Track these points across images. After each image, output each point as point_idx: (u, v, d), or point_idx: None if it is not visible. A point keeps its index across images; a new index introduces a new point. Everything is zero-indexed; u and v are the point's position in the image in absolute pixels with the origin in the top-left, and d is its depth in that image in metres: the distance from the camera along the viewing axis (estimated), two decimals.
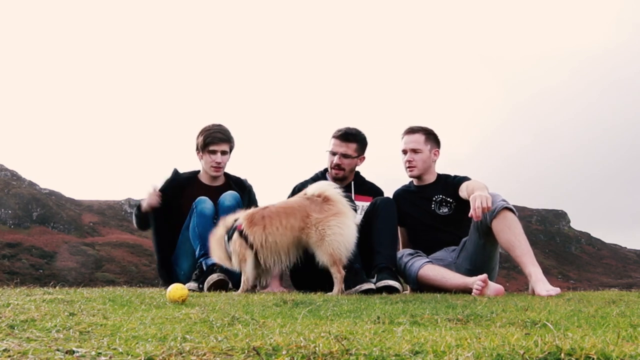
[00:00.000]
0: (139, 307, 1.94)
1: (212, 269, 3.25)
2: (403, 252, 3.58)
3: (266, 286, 3.42)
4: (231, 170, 4.06)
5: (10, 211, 48.61)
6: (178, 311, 1.79)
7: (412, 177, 3.87)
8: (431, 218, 3.74)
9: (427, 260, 3.44)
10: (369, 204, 3.76)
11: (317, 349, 1.06)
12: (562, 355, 1.00)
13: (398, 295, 2.91)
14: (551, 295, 2.85)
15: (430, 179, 3.84)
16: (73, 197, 58.28)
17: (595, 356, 1.00)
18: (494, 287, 2.97)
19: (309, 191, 3.06)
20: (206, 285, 3.15)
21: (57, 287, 2.84)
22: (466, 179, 3.67)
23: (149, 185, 3.77)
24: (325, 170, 4.02)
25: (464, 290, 3.07)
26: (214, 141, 3.78)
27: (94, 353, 1.04)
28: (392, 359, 1.02)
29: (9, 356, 0.99)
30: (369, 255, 3.36)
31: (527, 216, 65.81)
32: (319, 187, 3.06)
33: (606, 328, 1.49)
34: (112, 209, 57.99)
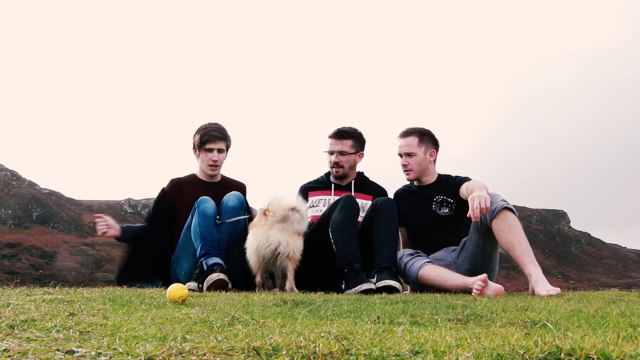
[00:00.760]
0: (139, 307, 1.94)
1: (212, 268, 3.24)
2: (403, 252, 3.58)
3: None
4: (231, 171, 4.09)
5: (10, 211, 48.62)
6: (178, 311, 1.78)
7: (409, 181, 3.88)
8: (432, 218, 3.74)
9: (427, 260, 3.44)
10: (369, 202, 3.79)
11: (317, 349, 1.06)
12: (562, 355, 1.00)
13: (398, 295, 2.91)
14: (551, 295, 2.85)
15: (430, 179, 3.84)
16: (73, 197, 58.40)
17: (595, 356, 1.00)
18: (494, 287, 2.97)
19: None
20: (206, 285, 3.15)
21: (57, 287, 2.83)
22: (467, 179, 3.67)
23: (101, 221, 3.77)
24: (329, 173, 4.04)
25: (464, 290, 3.07)
26: (210, 139, 3.84)
27: (94, 353, 1.04)
28: (392, 359, 1.02)
29: (9, 356, 0.99)
30: (369, 255, 3.37)
31: (527, 216, 65.80)
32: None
33: (606, 328, 1.49)
34: (112, 209, 57.97)
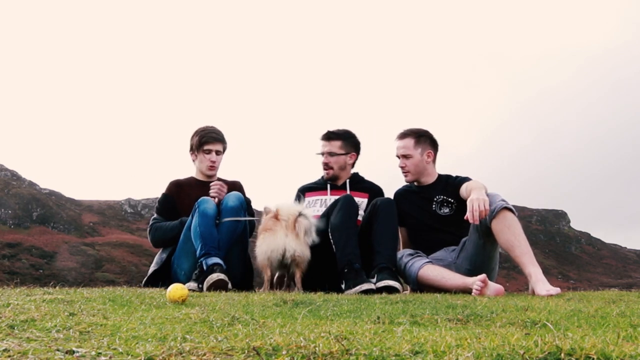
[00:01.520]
0: (139, 307, 1.94)
1: (212, 268, 3.24)
2: (403, 252, 3.58)
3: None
4: (230, 171, 4.11)
5: (10, 211, 48.61)
6: (178, 311, 1.78)
7: (407, 182, 3.89)
8: (432, 218, 3.73)
9: (427, 260, 3.44)
10: (365, 200, 3.85)
11: (317, 349, 1.06)
12: (562, 355, 1.00)
13: (398, 295, 2.91)
14: (551, 295, 2.85)
15: (430, 180, 3.84)
16: (73, 197, 58.35)
17: (595, 356, 1.00)
18: (494, 287, 2.97)
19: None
20: (206, 285, 3.15)
21: (57, 287, 2.84)
22: (467, 179, 3.66)
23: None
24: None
25: (464, 290, 3.07)
26: (209, 140, 3.92)
27: (94, 353, 1.04)
28: (392, 359, 1.02)
29: (9, 356, 0.99)
30: (369, 256, 3.37)
31: (527, 216, 65.80)
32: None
33: (606, 328, 1.49)
34: (112, 209, 57.99)
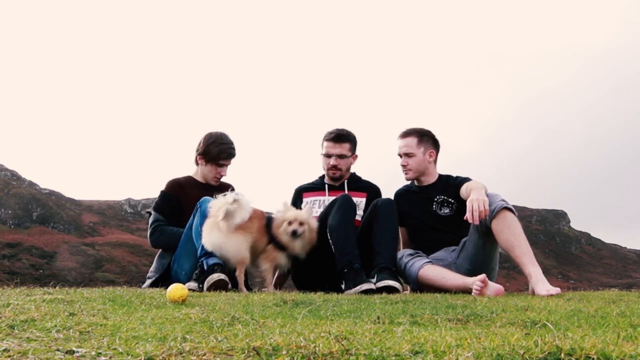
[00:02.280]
0: (139, 307, 1.94)
1: (212, 268, 3.24)
2: (403, 252, 3.58)
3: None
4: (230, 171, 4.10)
5: (10, 211, 48.61)
6: (178, 311, 1.79)
7: (408, 180, 3.88)
8: (432, 218, 3.73)
9: (427, 260, 3.44)
10: (364, 200, 3.84)
11: (317, 349, 1.06)
12: (562, 355, 1.00)
13: (398, 295, 2.91)
14: (551, 295, 2.85)
15: (431, 179, 3.84)
16: (73, 197, 58.41)
17: (595, 356, 1.00)
18: (493, 287, 2.97)
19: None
20: (206, 285, 3.15)
21: (57, 287, 2.84)
22: (467, 179, 3.66)
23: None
24: (323, 176, 4.02)
25: (464, 290, 3.07)
26: (227, 157, 3.95)
27: (94, 353, 1.04)
28: (392, 359, 1.02)
29: (9, 356, 0.99)
30: (369, 256, 3.37)
31: (527, 216, 65.82)
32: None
33: (606, 328, 1.49)
34: (112, 209, 57.99)
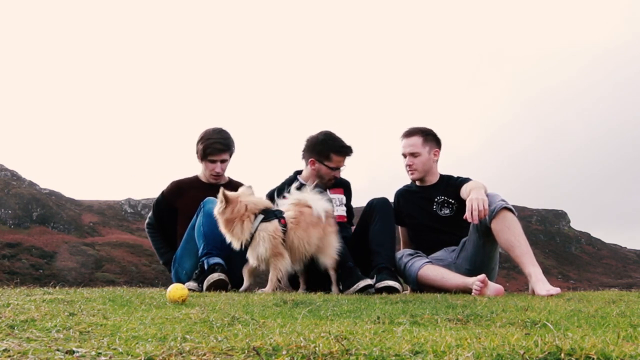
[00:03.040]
0: (139, 307, 1.94)
1: (213, 268, 3.24)
2: (403, 252, 3.58)
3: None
4: (230, 172, 4.05)
5: (10, 211, 48.60)
6: (178, 311, 1.79)
7: (413, 180, 3.87)
8: (432, 219, 3.73)
9: (427, 260, 3.44)
10: (343, 196, 3.88)
11: (317, 349, 1.06)
12: (562, 355, 1.00)
13: (398, 295, 2.91)
14: (551, 295, 2.85)
15: (433, 179, 3.83)
16: (73, 197, 58.36)
17: (595, 356, 1.00)
18: (493, 287, 2.97)
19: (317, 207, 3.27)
20: (205, 285, 3.15)
21: (57, 287, 2.84)
22: (468, 180, 3.66)
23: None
24: (298, 172, 3.96)
25: (464, 290, 3.07)
26: (214, 152, 3.81)
27: (94, 353, 1.04)
28: (392, 359, 1.02)
29: (9, 356, 0.99)
30: (367, 256, 3.36)
31: (527, 216, 65.80)
32: (321, 206, 3.29)
33: (606, 328, 1.49)
34: (112, 209, 57.98)
